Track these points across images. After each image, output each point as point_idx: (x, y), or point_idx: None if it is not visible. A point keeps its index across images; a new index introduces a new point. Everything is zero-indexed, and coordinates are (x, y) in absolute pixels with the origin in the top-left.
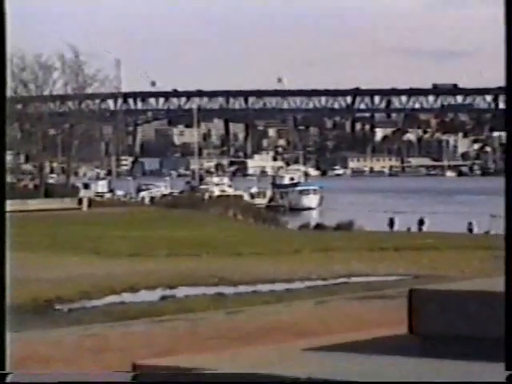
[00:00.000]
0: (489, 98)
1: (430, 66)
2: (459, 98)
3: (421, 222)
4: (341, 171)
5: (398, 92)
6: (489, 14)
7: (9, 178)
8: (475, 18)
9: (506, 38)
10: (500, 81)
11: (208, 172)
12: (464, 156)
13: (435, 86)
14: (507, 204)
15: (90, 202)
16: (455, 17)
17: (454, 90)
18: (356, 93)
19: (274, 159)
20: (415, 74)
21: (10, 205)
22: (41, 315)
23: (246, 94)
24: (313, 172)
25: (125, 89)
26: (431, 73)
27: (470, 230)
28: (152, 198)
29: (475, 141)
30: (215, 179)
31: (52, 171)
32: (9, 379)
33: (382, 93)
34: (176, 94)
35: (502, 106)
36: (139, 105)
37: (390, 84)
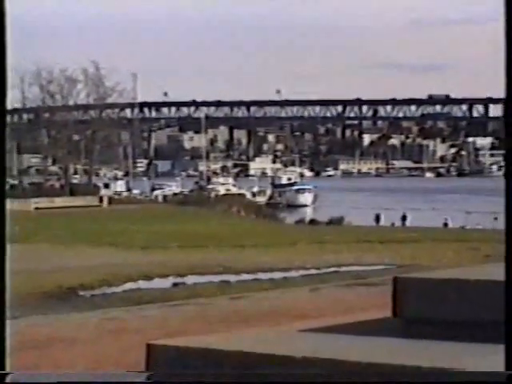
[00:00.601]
0: (464, 107)
1: (411, 79)
2: (438, 108)
3: (404, 218)
4: (332, 172)
5: (383, 102)
6: (471, 32)
7: (37, 179)
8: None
9: (506, 38)
10: (474, 92)
11: (214, 173)
12: (442, 159)
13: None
14: (507, 204)
15: (110, 200)
16: (438, 34)
17: (431, 100)
18: (346, 103)
19: (273, 162)
20: (399, 86)
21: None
22: (65, 301)
23: (248, 104)
24: (307, 173)
25: (140, 99)
26: (413, 85)
27: (446, 225)
28: (165, 197)
29: (452, 145)
30: (221, 179)
31: (76, 172)
32: (9, 379)
33: (369, 103)
34: (186, 103)
35: (476, 114)
36: (153, 113)
37: (376, 95)
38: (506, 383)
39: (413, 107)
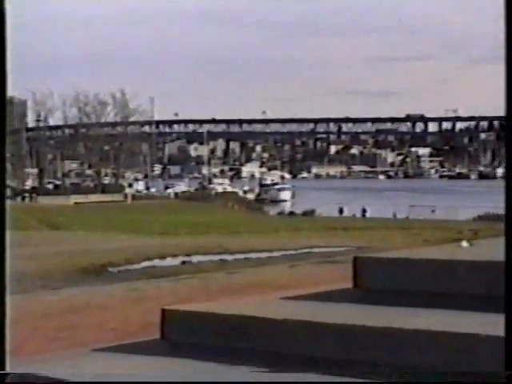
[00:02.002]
0: (409, 124)
1: (368, 102)
2: (388, 125)
3: (364, 211)
4: (306, 175)
5: (345, 120)
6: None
7: (76, 180)
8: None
9: (506, 39)
10: (416, 112)
11: (214, 175)
12: (391, 164)
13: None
14: (507, 204)
15: (133, 197)
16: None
17: (383, 118)
18: (316, 121)
19: (260, 166)
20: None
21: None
22: (97, 275)
23: (240, 122)
24: (287, 175)
25: (156, 117)
26: (369, 107)
27: (394, 216)
28: (175, 194)
29: (399, 154)
30: (219, 180)
31: (106, 175)
32: (9, 379)
33: (334, 121)
34: (192, 121)
35: (417, 130)
36: (166, 129)
37: (340, 115)
38: (506, 383)
39: (369, 124)
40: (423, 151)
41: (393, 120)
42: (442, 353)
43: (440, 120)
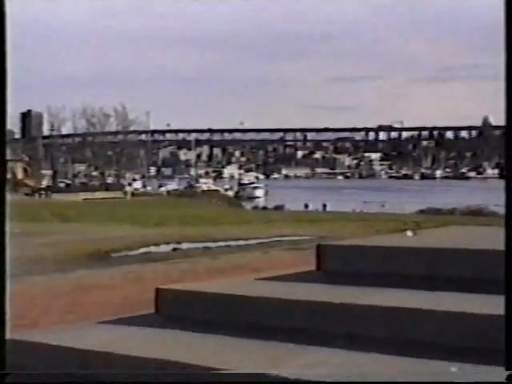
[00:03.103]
0: (363, 133)
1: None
2: (345, 134)
3: (324, 206)
4: (277, 176)
5: (310, 130)
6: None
7: (84, 180)
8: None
9: (506, 39)
10: (370, 123)
11: (200, 176)
12: (348, 167)
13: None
14: (507, 204)
15: (132, 194)
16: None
17: (342, 129)
18: (285, 131)
19: (239, 169)
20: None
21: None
22: (102, 260)
23: (222, 131)
24: (261, 176)
25: (152, 127)
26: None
27: (353, 210)
28: (168, 191)
29: (354, 158)
30: (204, 180)
31: (109, 176)
32: (9, 379)
33: (301, 131)
34: (181, 131)
35: (370, 138)
36: (160, 137)
37: (305, 125)
38: (506, 383)
39: (329, 133)
40: (375, 156)
41: (349, 130)
42: (391, 324)
43: (389, 130)
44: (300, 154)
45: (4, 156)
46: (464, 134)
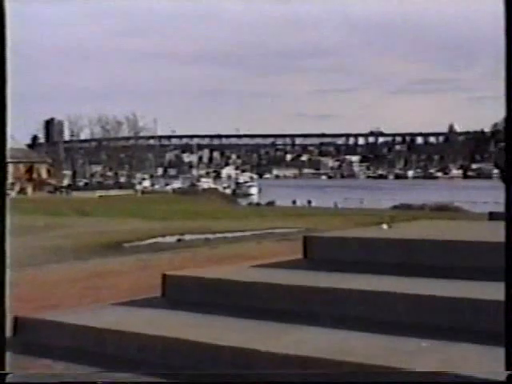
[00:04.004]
0: (344, 138)
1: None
2: (328, 139)
3: (310, 202)
4: (269, 176)
5: (298, 136)
6: (341, 97)
7: (99, 179)
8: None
9: (506, 39)
10: (351, 131)
11: (201, 176)
12: (331, 168)
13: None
14: (507, 204)
15: (141, 191)
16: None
17: (324, 135)
18: (276, 136)
19: (236, 169)
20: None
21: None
22: (115, 250)
23: (220, 136)
24: (254, 176)
25: (159, 133)
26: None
27: (335, 205)
28: (173, 189)
29: (336, 160)
30: (204, 180)
31: (122, 175)
32: (9, 379)
33: (289, 136)
34: (184, 136)
35: (350, 142)
36: (166, 142)
37: (294, 131)
38: (506, 383)
39: (314, 139)
40: (354, 158)
41: (332, 136)
42: (369, 306)
43: (366, 136)
44: (289, 156)
45: (4, 157)
46: (432, 139)
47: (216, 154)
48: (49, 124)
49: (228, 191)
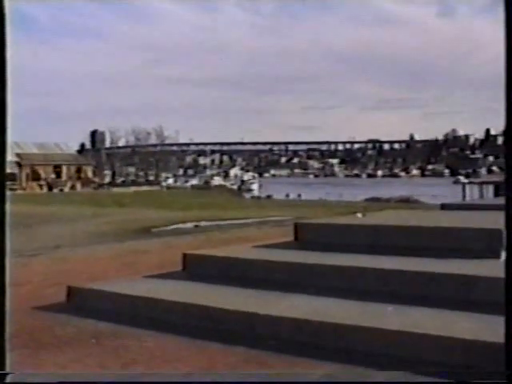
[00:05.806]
0: (327, 145)
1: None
2: (314, 145)
3: (299, 195)
4: (267, 175)
5: (290, 143)
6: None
7: (133, 177)
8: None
9: (506, 39)
10: (334, 138)
11: (213, 175)
12: (317, 169)
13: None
14: (507, 204)
15: (166, 188)
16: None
17: (311, 142)
18: (272, 144)
19: (241, 170)
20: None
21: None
22: (145, 234)
23: (228, 144)
24: (256, 175)
25: (180, 141)
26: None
27: (320, 199)
28: (191, 186)
29: (321, 163)
30: (216, 178)
31: (151, 175)
32: (9, 379)
33: (283, 144)
34: (200, 143)
35: (331, 148)
36: (185, 148)
37: (287, 139)
38: (506, 383)
39: (303, 145)
40: (335, 161)
41: (317, 143)
42: (347, 278)
43: (344, 143)
44: (283, 159)
45: (4, 158)
46: (397, 146)
47: (225, 158)
48: (93, 134)
49: (234, 187)
